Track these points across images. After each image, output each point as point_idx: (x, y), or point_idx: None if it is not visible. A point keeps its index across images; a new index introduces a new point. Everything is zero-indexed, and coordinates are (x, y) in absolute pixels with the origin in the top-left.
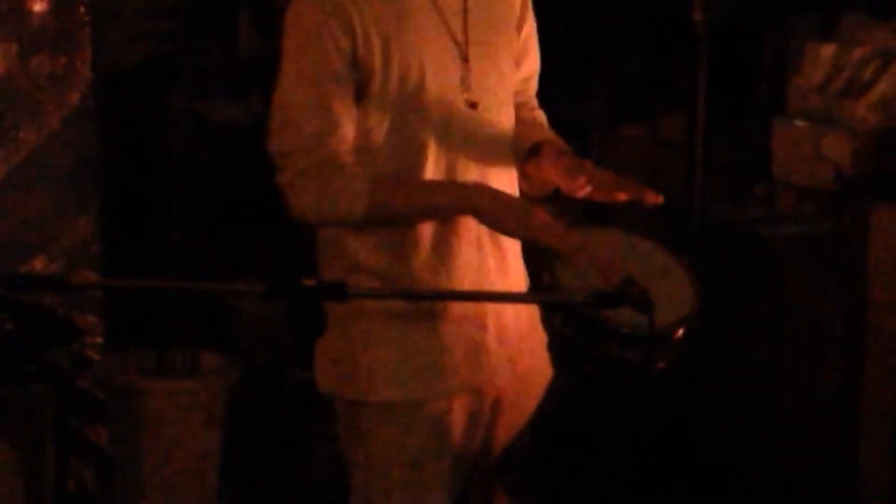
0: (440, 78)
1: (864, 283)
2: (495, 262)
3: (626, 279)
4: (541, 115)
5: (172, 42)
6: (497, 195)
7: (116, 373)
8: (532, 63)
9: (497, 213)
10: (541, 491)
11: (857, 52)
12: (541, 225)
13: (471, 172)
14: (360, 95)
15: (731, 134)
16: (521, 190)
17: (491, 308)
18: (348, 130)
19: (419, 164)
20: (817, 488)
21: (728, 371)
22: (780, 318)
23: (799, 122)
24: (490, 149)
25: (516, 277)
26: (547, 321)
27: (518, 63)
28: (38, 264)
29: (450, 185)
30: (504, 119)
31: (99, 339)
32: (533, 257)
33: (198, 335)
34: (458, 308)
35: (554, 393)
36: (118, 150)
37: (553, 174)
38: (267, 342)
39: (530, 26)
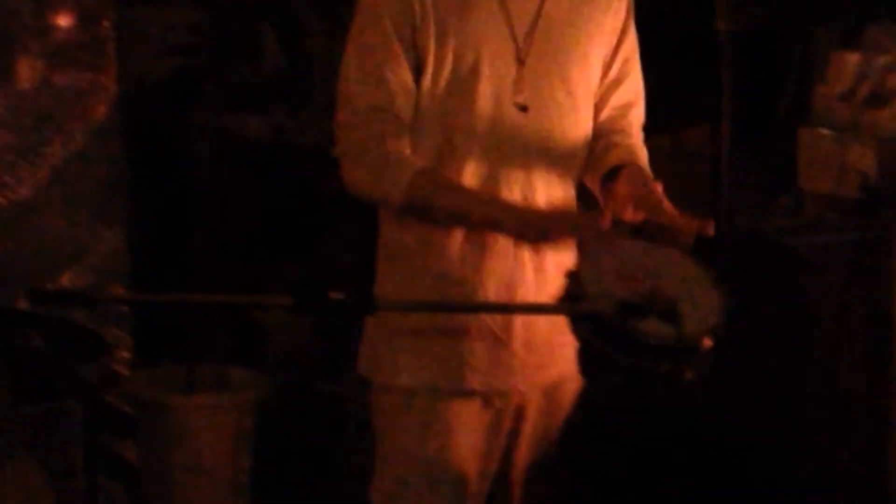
0: (493, 76)
1: (890, 292)
2: (533, 269)
3: (652, 289)
4: (637, 145)
5: (197, 57)
6: (527, 217)
7: (145, 388)
8: (631, 89)
9: (520, 231)
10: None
11: (882, 61)
12: (566, 229)
13: (515, 176)
14: (415, 82)
15: (756, 144)
16: (601, 207)
17: None
18: (403, 106)
19: (461, 158)
20: (845, 486)
21: (752, 380)
22: (806, 326)
23: (824, 132)
24: (539, 156)
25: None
26: (574, 332)
27: (613, 87)
28: (66, 280)
29: (490, 202)
30: (563, 128)
31: (127, 355)
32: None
33: (226, 350)
34: (481, 301)
35: (582, 405)
36: (144, 166)
37: (621, 193)
38: (295, 356)
39: (629, 49)
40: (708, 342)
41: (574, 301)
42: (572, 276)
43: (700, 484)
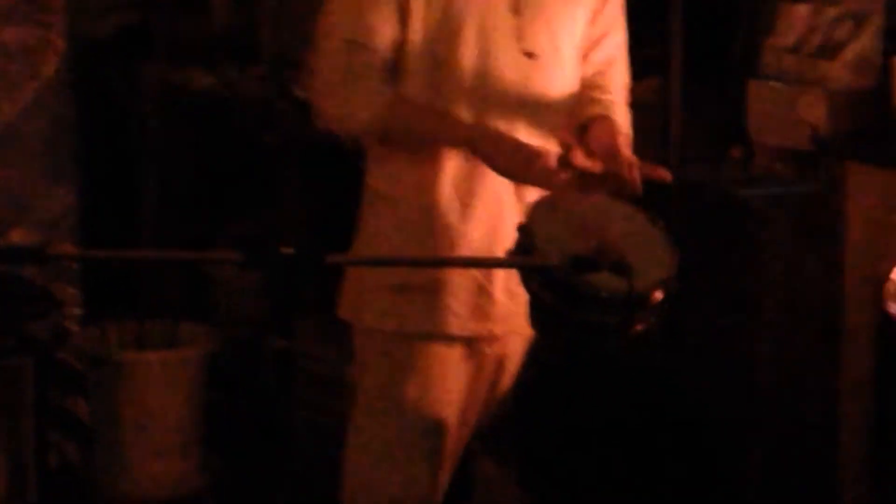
0: (481, 24)
1: (840, 243)
2: (518, 216)
3: (603, 243)
4: (617, 103)
5: (146, 12)
6: (500, 140)
7: (95, 344)
8: (614, 46)
9: (494, 157)
10: (522, 454)
11: (831, 12)
12: (539, 175)
13: (497, 124)
14: (402, 28)
15: (706, 96)
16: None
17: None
18: (383, 44)
19: (445, 104)
20: (796, 444)
21: (705, 332)
22: (757, 278)
23: (774, 84)
24: (524, 104)
25: None
26: (525, 285)
27: (596, 43)
28: (16, 236)
29: (457, 124)
30: (550, 80)
31: (77, 311)
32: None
33: (176, 306)
34: (466, 249)
35: (535, 356)
36: (94, 121)
37: (589, 149)
38: (245, 312)
39: (615, 6)
40: (658, 295)
41: (525, 254)
42: (523, 230)
43: (651, 435)
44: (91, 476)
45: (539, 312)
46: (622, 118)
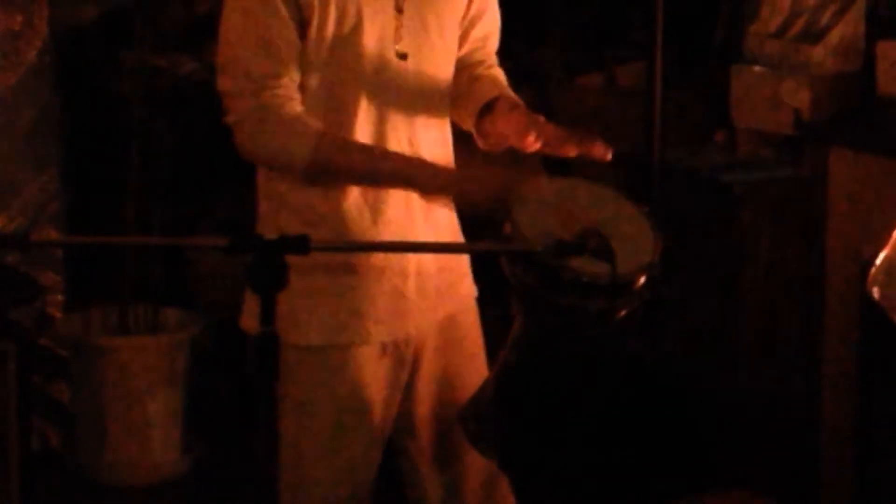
0: (375, 26)
1: (822, 227)
2: (424, 216)
3: (587, 228)
4: (499, 73)
5: None
6: (443, 172)
7: (78, 330)
8: (490, 22)
9: (443, 188)
10: (503, 441)
11: None
12: (502, 180)
13: (400, 124)
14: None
15: (690, 81)
16: (477, 146)
17: (414, 257)
18: (295, 68)
19: (349, 112)
20: (780, 425)
21: (688, 317)
22: (740, 263)
23: (757, 68)
24: (420, 101)
25: (447, 229)
26: (508, 271)
27: (474, 22)
28: None
29: (396, 156)
30: (438, 73)
31: (60, 297)
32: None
33: (159, 291)
34: (381, 256)
35: (517, 343)
36: (77, 107)
37: (505, 130)
38: (228, 296)
39: None
40: (641, 280)
41: (508, 240)
42: (506, 216)
43: (632, 419)
44: (73, 461)
45: (522, 297)
46: (507, 86)
